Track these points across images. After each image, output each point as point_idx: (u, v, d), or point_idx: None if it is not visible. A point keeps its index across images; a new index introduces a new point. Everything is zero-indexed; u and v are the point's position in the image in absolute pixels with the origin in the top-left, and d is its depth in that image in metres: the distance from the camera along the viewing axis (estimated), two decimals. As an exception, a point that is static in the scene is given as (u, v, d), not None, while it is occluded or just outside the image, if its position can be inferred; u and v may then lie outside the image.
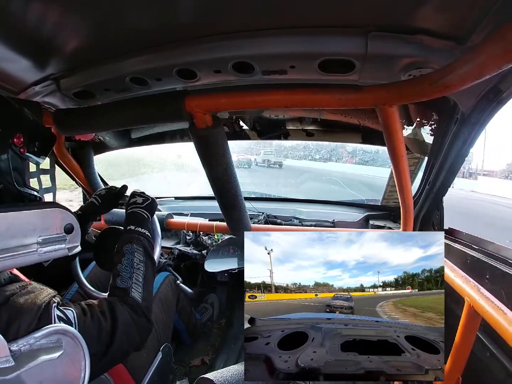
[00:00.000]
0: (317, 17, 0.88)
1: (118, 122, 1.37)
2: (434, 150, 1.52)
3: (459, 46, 0.88)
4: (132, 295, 1.01)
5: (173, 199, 3.01)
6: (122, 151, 2.55)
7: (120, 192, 1.49)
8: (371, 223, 2.24)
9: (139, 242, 1.15)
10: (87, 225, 1.45)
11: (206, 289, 2.69)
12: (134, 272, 1.06)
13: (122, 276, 1.04)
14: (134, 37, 1.04)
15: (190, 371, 2.11)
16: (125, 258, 1.08)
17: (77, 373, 0.76)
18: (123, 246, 1.13)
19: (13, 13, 0.85)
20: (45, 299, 0.78)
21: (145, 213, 1.30)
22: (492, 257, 1.27)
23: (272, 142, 17.62)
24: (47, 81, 1.28)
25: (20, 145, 0.90)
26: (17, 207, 0.79)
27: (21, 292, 0.78)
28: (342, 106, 1.08)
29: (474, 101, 1.12)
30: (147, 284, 1.09)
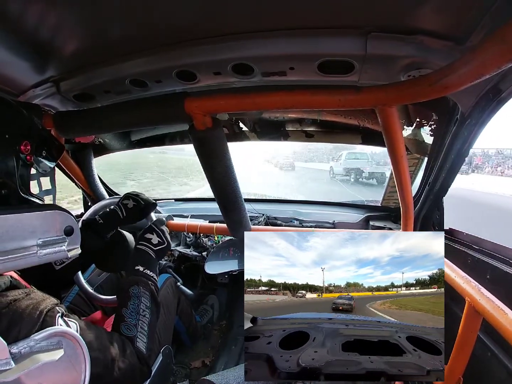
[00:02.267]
0: (316, 18, 0.88)
1: (118, 124, 1.37)
2: (434, 150, 1.52)
3: (458, 46, 0.88)
4: (137, 345, 1.01)
5: (173, 201, 3.01)
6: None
7: (147, 209, 1.49)
8: (371, 224, 2.24)
9: (147, 287, 1.14)
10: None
11: (206, 290, 2.70)
12: (140, 320, 1.05)
13: (127, 323, 1.03)
14: (133, 39, 1.04)
15: (190, 373, 2.11)
16: (131, 302, 1.07)
17: (78, 375, 0.76)
18: (129, 287, 1.11)
19: (12, 15, 0.85)
20: (47, 306, 0.78)
21: (156, 256, 1.30)
22: (492, 257, 1.27)
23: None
24: (47, 83, 1.29)
25: (27, 153, 0.90)
26: (17, 209, 0.79)
27: (24, 298, 0.78)
28: (342, 107, 1.07)
29: (474, 101, 1.12)
30: (151, 332, 1.08)
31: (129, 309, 1.05)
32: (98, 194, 2.28)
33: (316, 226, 2.33)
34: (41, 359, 0.68)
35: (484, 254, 1.32)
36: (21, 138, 0.89)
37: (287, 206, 2.78)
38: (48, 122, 1.36)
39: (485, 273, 1.24)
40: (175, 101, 1.20)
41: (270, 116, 1.96)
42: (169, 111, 1.22)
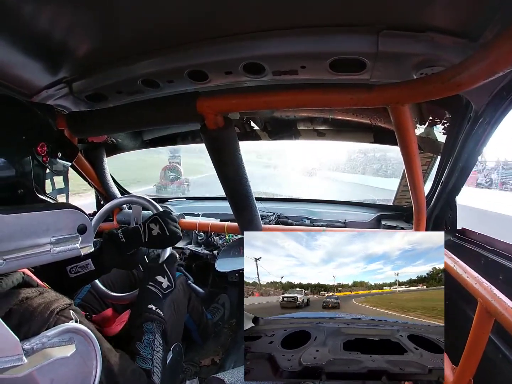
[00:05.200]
0: (327, 16, 0.88)
1: (130, 124, 1.39)
2: (447, 149, 1.50)
3: (471, 43, 0.87)
4: (153, 379, 1.01)
5: (185, 199, 3.03)
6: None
7: (170, 241, 1.44)
8: (383, 223, 2.22)
9: (160, 325, 1.16)
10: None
11: (217, 289, 2.70)
12: (155, 355, 1.06)
13: (142, 356, 1.03)
14: (145, 39, 1.06)
15: (200, 370, 2.12)
16: (145, 337, 1.08)
17: (89, 371, 0.77)
18: (143, 322, 1.12)
19: (25, 17, 0.86)
20: (59, 306, 0.79)
21: (163, 298, 1.30)
22: (505, 257, 1.25)
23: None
24: (60, 84, 1.31)
25: (43, 154, 0.92)
26: (31, 208, 0.81)
27: (37, 296, 0.79)
28: (354, 106, 1.07)
29: (487, 99, 1.11)
30: (164, 368, 1.09)
31: (143, 343, 1.06)
32: (110, 193, 2.30)
33: (328, 225, 2.31)
34: (53, 355, 0.69)
35: (497, 255, 1.30)
36: (37, 140, 0.90)
37: (298, 205, 2.77)
38: (61, 123, 1.38)
39: (497, 274, 1.23)
40: (187, 101, 1.20)
41: (281, 115, 1.95)
42: (181, 111, 1.23)
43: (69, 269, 1.25)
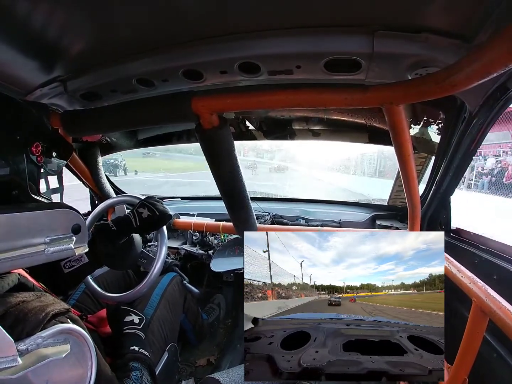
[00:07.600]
0: (322, 16, 0.88)
1: (125, 123, 1.38)
2: (441, 150, 1.51)
3: (465, 44, 0.87)
4: None
5: (180, 199, 3.03)
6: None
7: (161, 221, 1.44)
8: (377, 223, 2.23)
9: (145, 363, 1.14)
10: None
11: (212, 289, 2.70)
12: None
13: None
14: (140, 38, 1.05)
15: (196, 371, 2.12)
16: (134, 374, 1.06)
17: (84, 372, 0.76)
18: (129, 362, 1.11)
19: (19, 15, 0.85)
20: (55, 309, 0.77)
21: (143, 334, 1.29)
22: (500, 257, 1.26)
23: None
24: (54, 83, 1.29)
25: (37, 154, 0.91)
26: (25, 208, 0.80)
27: (33, 300, 0.78)
28: (349, 106, 1.07)
29: (481, 100, 1.12)
30: None
31: (132, 379, 1.04)
32: (105, 193, 2.30)
33: (322, 225, 2.32)
34: (47, 356, 0.68)
35: (491, 254, 1.31)
36: (32, 139, 0.90)
37: (293, 205, 2.78)
38: (56, 121, 1.37)
39: (492, 273, 1.24)
40: (182, 100, 1.20)
41: (276, 115, 1.95)
42: (176, 110, 1.23)
43: (63, 264, 1.24)
